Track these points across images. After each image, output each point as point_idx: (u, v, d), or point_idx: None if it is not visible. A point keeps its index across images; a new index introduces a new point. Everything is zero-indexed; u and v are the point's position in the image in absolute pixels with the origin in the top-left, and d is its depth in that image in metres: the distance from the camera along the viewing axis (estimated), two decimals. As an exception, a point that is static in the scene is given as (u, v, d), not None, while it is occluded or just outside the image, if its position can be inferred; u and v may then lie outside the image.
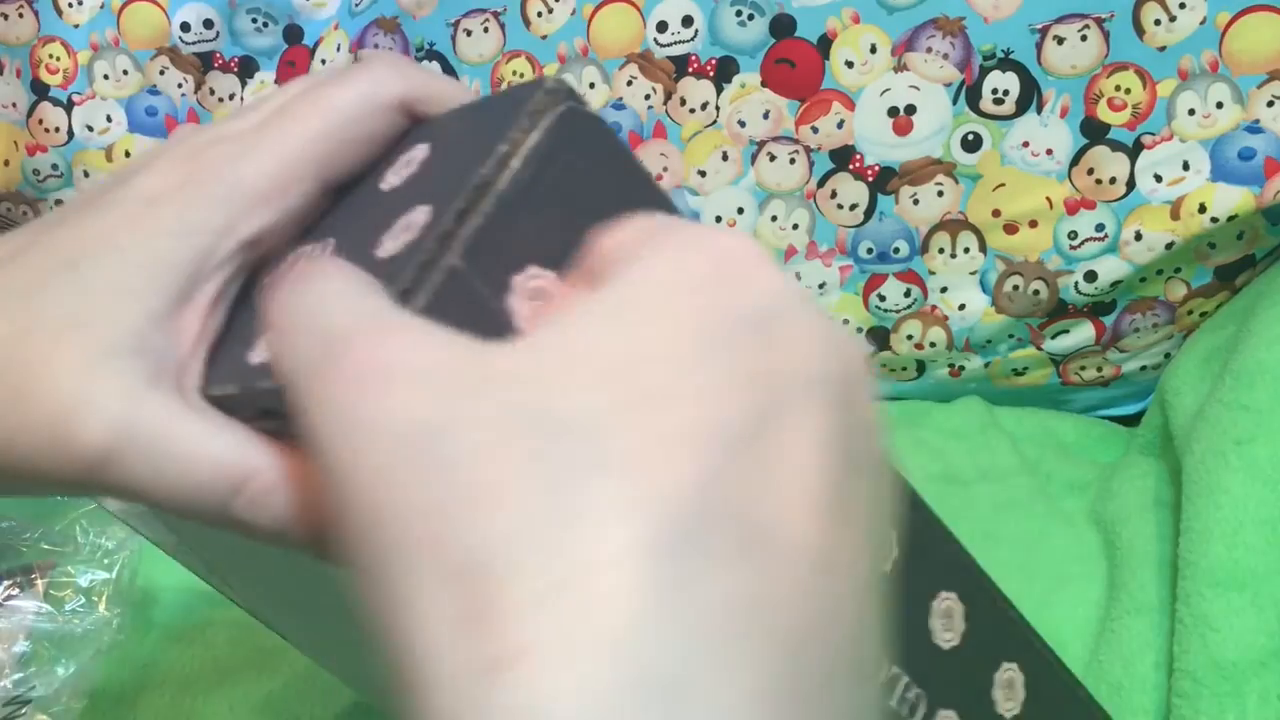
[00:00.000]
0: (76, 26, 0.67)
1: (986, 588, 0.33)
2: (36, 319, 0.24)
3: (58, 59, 0.68)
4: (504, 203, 0.22)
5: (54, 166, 0.71)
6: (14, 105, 0.70)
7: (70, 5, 0.67)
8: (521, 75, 0.66)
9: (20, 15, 0.67)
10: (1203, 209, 0.60)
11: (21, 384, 0.23)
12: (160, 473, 0.23)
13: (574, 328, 0.19)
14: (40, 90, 0.69)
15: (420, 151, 0.26)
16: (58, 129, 0.70)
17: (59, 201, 0.72)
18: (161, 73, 0.68)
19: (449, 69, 0.67)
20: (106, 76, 0.67)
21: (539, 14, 0.64)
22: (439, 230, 0.22)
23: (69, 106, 0.69)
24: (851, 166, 0.63)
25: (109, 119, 0.70)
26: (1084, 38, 0.59)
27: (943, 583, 0.31)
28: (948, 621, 0.31)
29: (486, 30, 0.66)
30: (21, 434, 0.23)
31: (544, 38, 0.64)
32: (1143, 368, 0.67)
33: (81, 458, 0.23)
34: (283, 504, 0.23)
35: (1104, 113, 0.60)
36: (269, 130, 0.25)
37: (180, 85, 0.69)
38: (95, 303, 0.24)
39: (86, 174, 0.71)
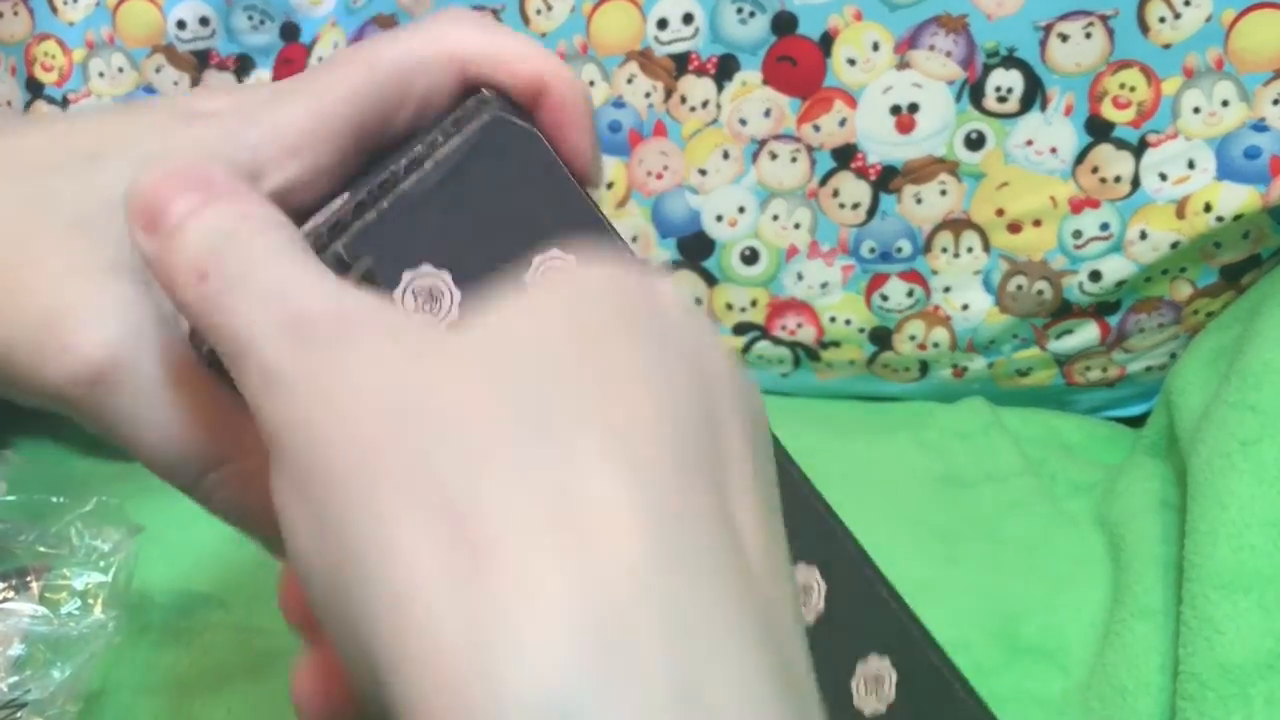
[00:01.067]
0: (71, 24, 0.67)
1: (865, 574, 0.32)
2: (45, 202, 0.22)
3: (53, 57, 0.67)
4: (405, 201, 0.23)
5: (50, 165, 0.70)
6: (9, 104, 0.69)
7: (65, 3, 0.66)
8: (521, 73, 0.65)
9: (15, 13, 0.67)
10: (1208, 208, 0.59)
11: (13, 267, 0.21)
12: (141, 419, 0.22)
13: (510, 316, 0.18)
14: (35, 89, 0.68)
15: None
16: (54, 127, 0.69)
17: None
18: (157, 71, 0.68)
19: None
20: (102, 74, 0.67)
21: (538, 11, 0.64)
22: (335, 218, 0.23)
23: (64, 105, 0.69)
24: (853, 165, 0.62)
25: (105, 117, 0.69)
26: (1088, 35, 0.58)
27: (803, 554, 0.31)
28: (803, 597, 0.30)
29: (485, 28, 0.65)
30: (2, 326, 0.21)
31: (543, 35, 0.64)
32: (1148, 368, 0.67)
33: (69, 369, 0.21)
34: (254, 495, 0.22)
35: (1108, 111, 0.59)
36: (311, 80, 0.24)
37: (176, 83, 0.68)
38: (109, 208, 0.22)
39: (83, 173, 0.70)
